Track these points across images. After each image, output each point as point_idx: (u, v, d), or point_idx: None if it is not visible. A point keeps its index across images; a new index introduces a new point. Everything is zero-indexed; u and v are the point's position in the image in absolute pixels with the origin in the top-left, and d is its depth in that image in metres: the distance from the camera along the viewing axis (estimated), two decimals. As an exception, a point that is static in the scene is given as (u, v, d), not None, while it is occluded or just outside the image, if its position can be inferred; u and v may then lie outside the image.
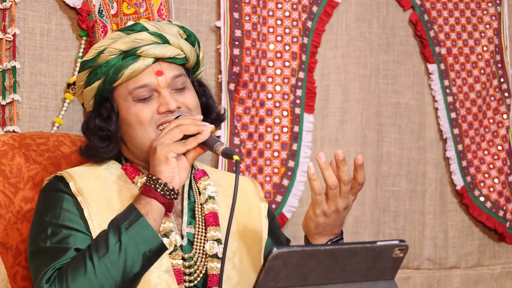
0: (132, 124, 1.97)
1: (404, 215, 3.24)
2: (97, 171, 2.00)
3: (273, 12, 2.94)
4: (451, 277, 3.32)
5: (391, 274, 1.71)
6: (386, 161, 3.20)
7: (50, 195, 1.95)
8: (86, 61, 2.01)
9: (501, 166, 3.34)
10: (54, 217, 1.90)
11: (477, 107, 3.31)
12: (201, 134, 1.89)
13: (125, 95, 1.98)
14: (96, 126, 2.00)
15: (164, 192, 1.86)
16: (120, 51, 1.96)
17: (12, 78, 2.41)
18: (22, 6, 2.43)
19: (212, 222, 2.01)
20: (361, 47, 3.14)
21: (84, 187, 1.93)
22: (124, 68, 1.96)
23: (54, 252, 1.85)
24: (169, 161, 1.86)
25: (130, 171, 2.01)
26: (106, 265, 1.78)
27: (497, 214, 3.32)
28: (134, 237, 1.80)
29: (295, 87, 2.97)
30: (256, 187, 2.20)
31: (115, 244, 1.79)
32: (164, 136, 1.89)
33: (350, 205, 1.95)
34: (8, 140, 2.16)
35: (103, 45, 1.98)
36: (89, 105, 2.05)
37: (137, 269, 1.81)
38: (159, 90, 1.97)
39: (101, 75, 1.97)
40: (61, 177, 1.97)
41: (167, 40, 1.99)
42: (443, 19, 3.26)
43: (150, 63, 1.97)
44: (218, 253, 1.97)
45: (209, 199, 2.04)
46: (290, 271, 1.57)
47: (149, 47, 1.97)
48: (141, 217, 1.82)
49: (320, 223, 1.93)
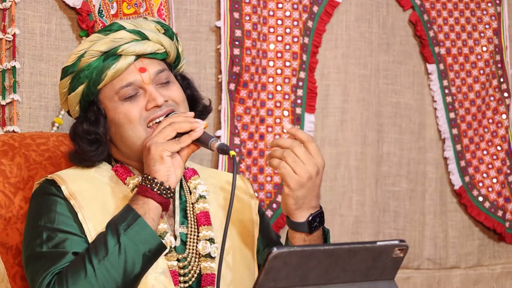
0: (122, 123, 1.96)
1: (404, 215, 3.24)
2: (88, 174, 1.99)
3: (273, 12, 2.94)
4: (451, 277, 3.32)
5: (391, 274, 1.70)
6: (386, 161, 3.20)
7: (42, 199, 1.93)
8: (67, 67, 1.99)
9: (500, 166, 3.34)
10: (49, 221, 1.88)
11: (476, 107, 3.31)
12: (195, 131, 1.88)
13: (111, 96, 1.97)
14: (84, 131, 1.98)
15: (161, 192, 1.85)
16: (100, 52, 1.95)
17: (12, 78, 2.41)
18: (22, 6, 2.43)
19: (204, 222, 2.00)
20: (361, 47, 3.14)
21: (76, 190, 1.92)
22: (106, 69, 1.95)
23: (51, 256, 1.84)
24: (164, 160, 1.85)
25: (121, 172, 2.00)
26: (106, 268, 1.77)
27: (496, 214, 3.32)
28: (133, 238, 1.80)
29: (295, 87, 2.97)
30: (246, 184, 2.19)
31: (115, 246, 1.78)
32: (157, 135, 1.88)
33: (321, 171, 1.91)
34: (8, 140, 2.16)
35: (82, 49, 1.97)
36: (75, 111, 2.03)
37: (137, 270, 1.80)
38: (145, 87, 1.96)
39: (84, 79, 1.96)
40: (52, 180, 1.95)
41: (146, 36, 1.98)
42: (442, 19, 3.27)
43: (132, 61, 1.96)
44: (211, 252, 1.97)
45: (200, 198, 2.03)
46: (290, 271, 1.57)
47: (129, 45, 1.96)
48: (139, 217, 1.81)
49: (298, 197, 1.90)
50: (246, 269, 2.04)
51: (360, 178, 3.14)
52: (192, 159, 2.73)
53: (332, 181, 3.10)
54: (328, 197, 3.09)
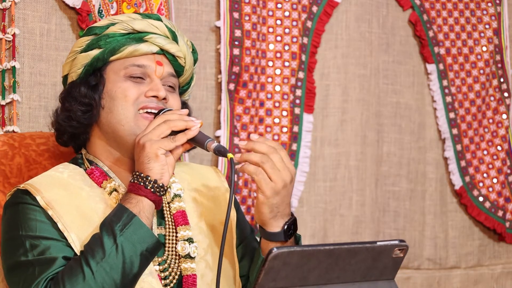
0: (117, 97, 1.93)
1: (404, 215, 3.24)
2: (61, 180, 1.93)
3: (273, 12, 2.94)
4: (451, 277, 3.32)
5: (391, 274, 1.70)
6: (386, 161, 3.20)
7: (18, 208, 1.87)
8: (94, 27, 1.98)
9: (500, 166, 3.34)
10: (29, 229, 1.83)
11: (476, 107, 3.31)
12: (190, 130, 1.86)
13: (118, 70, 1.96)
14: (80, 93, 1.95)
15: (155, 190, 1.82)
16: (132, 28, 1.95)
17: (12, 78, 2.41)
18: (21, 6, 2.43)
19: (181, 222, 1.97)
20: (361, 47, 3.14)
21: (52, 199, 1.86)
22: (127, 44, 1.95)
23: (40, 263, 1.79)
24: (159, 158, 1.83)
25: (97, 176, 1.95)
26: (105, 269, 1.75)
27: (496, 214, 3.32)
28: (130, 238, 1.77)
29: (294, 87, 2.97)
30: (220, 177, 2.14)
31: (112, 247, 1.76)
32: (152, 132, 1.85)
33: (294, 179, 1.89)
34: (8, 140, 2.16)
35: (118, 19, 1.97)
36: (75, 73, 2.00)
37: (136, 270, 1.79)
38: (152, 77, 1.95)
39: (103, 44, 1.95)
40: (25, 190, 1.88)
41: (177, 40, 2.00)
42: (442, 19, 3.27)
43: (154, 51, 1.97)
44: (191, 253, 1.93)
45: (175, 197, 2.00)
46: (290, 271, 1.57)
47: (157, 36, 1.97)
48: (134, 216, 1.79)
49: (273, 204, 1.87)
50: (228, 266, 2.01)
51: (360, 178, 3.14)
52: (192, 159, 2.73)
53: (332, 181, 3.10)
54: (328, 197, 3.09)
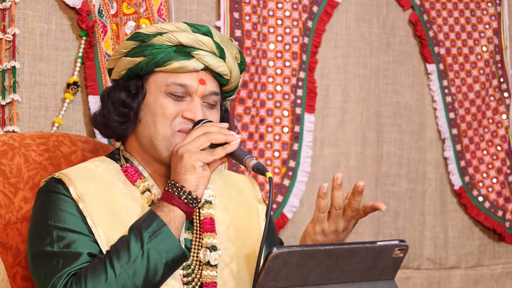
0: (155, 113, 1.92)
1: (404, 215, 3.24)
2: (96, 173, 1.95)
3: (273, 12, 2.94)
4: (451, 277, 3.32)
5: (391, 274, 1.71)
6: (386, 161, 3.20)
7: (50, 197, 1.88)
8: (142, 33, 1.95)
9: (500, 166, 3.34)
10: (58, 220, 1.84)
11: (476, 107, 3.31)
12: (229, 145, 1.85)
13: (160, 84, 1.94)
14: (119, 100, 1.95)
15: (188, 201, 1.82)
16: (178, 42, 1.93)
17: (12, 78, 2.40)
18: (22, 6, 2.43)
19: (208, 228, 1.97)
20: (361, 47, 3.14)
21: (84, 192, 1.88)
22: (173, 60, 1.92)
23: (64, 256, 1.80)
24: (196, 170, 1.83)
25: (132, 174, 1.96)
26: (128, 273, 1.75)
27: (496, 214, 3.32)
28: (157, 246, 1.77)
29: (295, 87, 2.97)
30: (254, 187, 2.16)
31: (138, 252, 1.76)
32: (191, 143, 1.85)
33: (350, 229, 1.96)
34: (8, 140, 2.16)
35: (165, 29, 1.94)
36: (118, 74, 1.99)
37: (158, 278, 1.78)
38: (193, 96, 1.93)
39: (148, 54, 1.93)
40: (59, 179, 1.90)
41: (224, 57, 1.96)
42: (442, 19, 3.27)
43: (199, 68, 1.94)
44: (211, 261, 1.93)
45: (205, 204, 2.00)
46: (290, 271, 1.57)
47: (205, 53, 1.93)
48: (164, 226, 1.79)
49: (317, 241, 1.92)
50: (250, 276, 2.00)
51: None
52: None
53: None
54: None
